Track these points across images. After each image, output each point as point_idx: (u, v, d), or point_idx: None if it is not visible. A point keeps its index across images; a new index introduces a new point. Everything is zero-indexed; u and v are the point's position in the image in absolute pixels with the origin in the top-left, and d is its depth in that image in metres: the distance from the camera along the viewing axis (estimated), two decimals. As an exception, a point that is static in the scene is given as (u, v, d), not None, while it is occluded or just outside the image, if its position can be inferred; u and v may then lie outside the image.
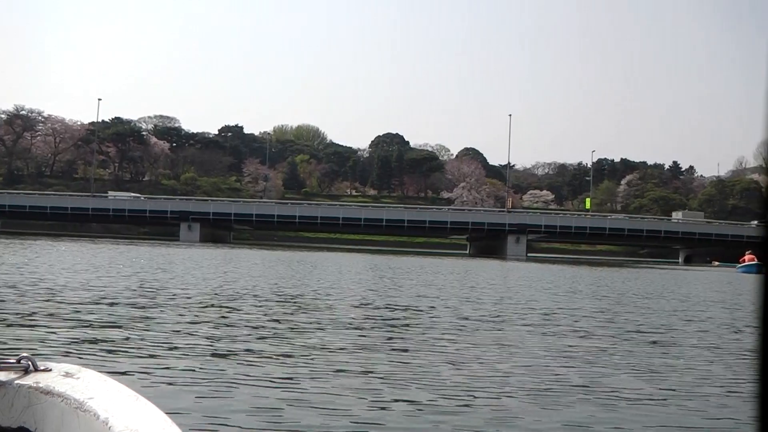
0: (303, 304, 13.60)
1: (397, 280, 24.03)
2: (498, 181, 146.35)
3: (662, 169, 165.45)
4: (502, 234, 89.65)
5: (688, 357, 9.55)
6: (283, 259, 39.47)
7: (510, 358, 8.59)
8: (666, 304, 18.53)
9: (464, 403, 6.20)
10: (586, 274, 38.54)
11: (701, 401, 6.78)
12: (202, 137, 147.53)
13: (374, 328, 10.86)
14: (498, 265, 49.51)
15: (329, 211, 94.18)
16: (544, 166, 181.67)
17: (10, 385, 2.48)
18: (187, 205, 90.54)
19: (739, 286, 31.30)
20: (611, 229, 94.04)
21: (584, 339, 10.78)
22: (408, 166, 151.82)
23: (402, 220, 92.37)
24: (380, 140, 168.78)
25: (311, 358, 7.93)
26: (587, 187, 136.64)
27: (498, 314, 13.55)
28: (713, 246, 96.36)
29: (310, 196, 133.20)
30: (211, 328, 9.99)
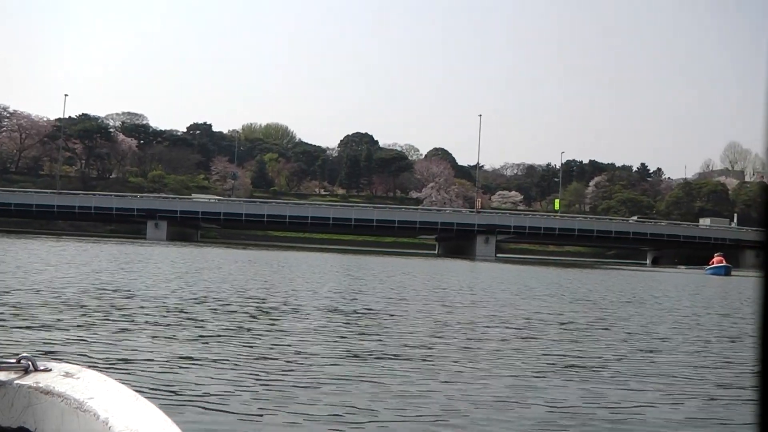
0: (265, 308, 13.13)
1: (365, 281, 23.66)
2: (467, 182, 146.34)
3: (630, 171, 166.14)
4: (471, 234, 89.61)
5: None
6: (249, 258, 39.02)
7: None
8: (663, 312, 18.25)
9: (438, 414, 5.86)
10: (563, 275, 38.33)
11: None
12: (170, 135, 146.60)
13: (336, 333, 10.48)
14: (469, 266, 49.27)
15: (298, 210, 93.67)
16: (512, 167, 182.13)
17: (10, 385, 2.49)
18: (154, 202, 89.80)
19: (721, 290, 31.14)
20: (580, 230, 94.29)
21: (576, 344, 10.45)
22: (377, 165, 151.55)
23: (371, 220, 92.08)
24: (349, 139, 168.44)
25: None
26: (556, 189, 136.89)
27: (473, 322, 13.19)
28: (681, 248, 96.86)
29: (279, 195, 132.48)
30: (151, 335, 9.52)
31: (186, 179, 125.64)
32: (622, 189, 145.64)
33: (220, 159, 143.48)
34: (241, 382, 6.56)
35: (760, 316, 1.06)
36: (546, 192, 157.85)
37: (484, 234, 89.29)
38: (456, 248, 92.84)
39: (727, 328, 13.90)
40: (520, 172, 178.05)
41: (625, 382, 7.61)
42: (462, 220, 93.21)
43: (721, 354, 10.25)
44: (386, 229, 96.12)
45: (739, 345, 11.38)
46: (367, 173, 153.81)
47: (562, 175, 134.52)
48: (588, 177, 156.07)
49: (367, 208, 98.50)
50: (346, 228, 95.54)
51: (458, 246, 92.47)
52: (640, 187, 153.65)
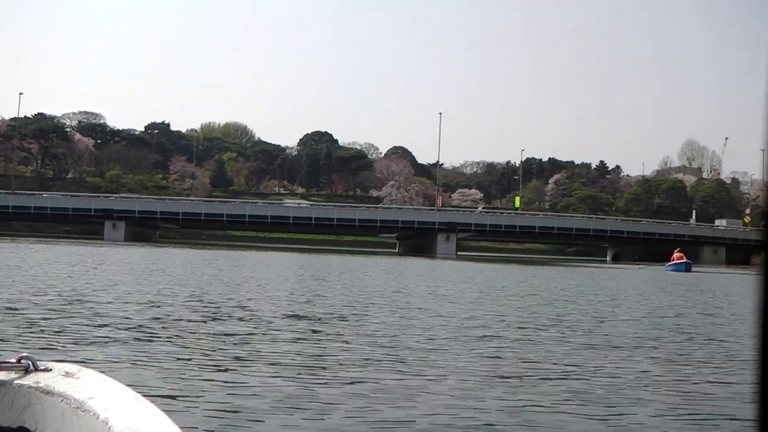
0: (212, 312, 12.64)
1: (324, 282, 23.27)
2: (427, 180, 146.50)
3: (589, 168, 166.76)
4: (432, 233, 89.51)
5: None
6: (205, 258, 38.49)
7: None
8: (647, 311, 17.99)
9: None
10: (529, 273, 38.13)
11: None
12: (128, 134, 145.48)
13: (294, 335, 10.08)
14: (430, 264, 49.00)
15: (257, 209, 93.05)
16: (472, 165, 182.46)
17: (10, 385, 2.50)
18: (112, 203, 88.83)
19: (694, 286, 31.03)
20: (541, 228, 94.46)
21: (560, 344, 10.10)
22: (337, 164, 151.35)
23: (331, 219, 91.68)
24: (309, 138, 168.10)
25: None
26: (515, 186, 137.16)
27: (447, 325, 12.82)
28: (641, 244, 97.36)
29: (238, 194, 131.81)
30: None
31: (144, 179, 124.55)
32: (581, 186, 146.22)
33: (179, 158, 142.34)
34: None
35: (760, 316, 1.06)
36: (506, 190, 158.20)
37: (445, 232, 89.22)
38: (417, 247, 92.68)
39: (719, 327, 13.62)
40: (480, 170, 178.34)
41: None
42: (423, 218, 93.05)
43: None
44: (347, 228, 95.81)
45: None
46: (326, 172, 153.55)
47: (522, 173, 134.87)
48: (548, 175, 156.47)
49: (327, 207, 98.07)
50: (306, 227, 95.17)
51: (419, 244, 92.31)
52: (600, 184, 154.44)
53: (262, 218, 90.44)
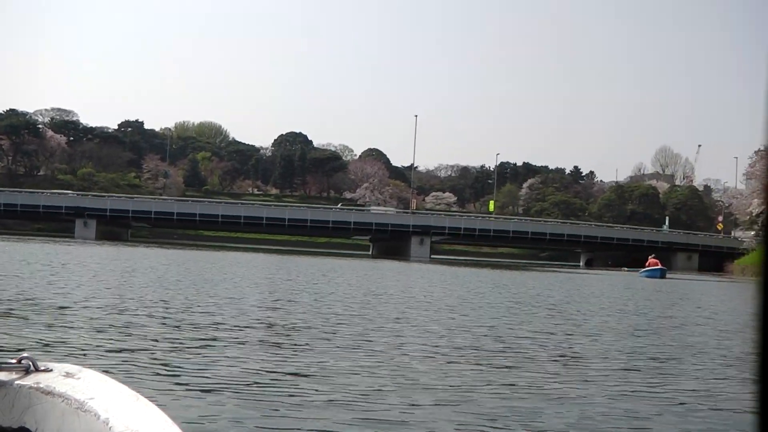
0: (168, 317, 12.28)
1: (293, 285, 22.98)
2: (401, 182, 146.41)
3: (563, 173, 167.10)
4: (406, 235, 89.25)
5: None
6: (173, 259, 38.10)
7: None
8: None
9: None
10: (506, 277, 37.93)
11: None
12: (101, 132, 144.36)
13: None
14: (404, 267, 48.78)
15: (230, 209, 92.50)
16: (446, 169, 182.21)
17: (10, 386, 2.51)
18: (83, 200, 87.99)
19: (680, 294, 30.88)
20: (515, 232, 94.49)
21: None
22: (311, 165, 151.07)
23: (305, 220, 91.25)
24: (283, 139, 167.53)
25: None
26: (489, 190, 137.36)
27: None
28: (614, 250, 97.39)
29: (212, 194, 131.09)
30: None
31: (117, 177, 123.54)
32: (555, 191, 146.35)
33: (152, 157, 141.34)
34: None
35: (760, 316, 1.05)
36: (480, 194, 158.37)
37: (419, 235, 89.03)
38: (390, 249, 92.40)
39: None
40: (454, 173, 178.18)
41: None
42: (397, 221, 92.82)
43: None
44: (320, 230, 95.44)
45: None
46: (300, 173, 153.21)
47: (497, 177, 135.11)
48: (521, 179, 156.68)
49: (301, 208, 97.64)
50: (279, 228, 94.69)
51: (392, 247, 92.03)
52: (573, 189, 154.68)
53: (235, 218, 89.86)
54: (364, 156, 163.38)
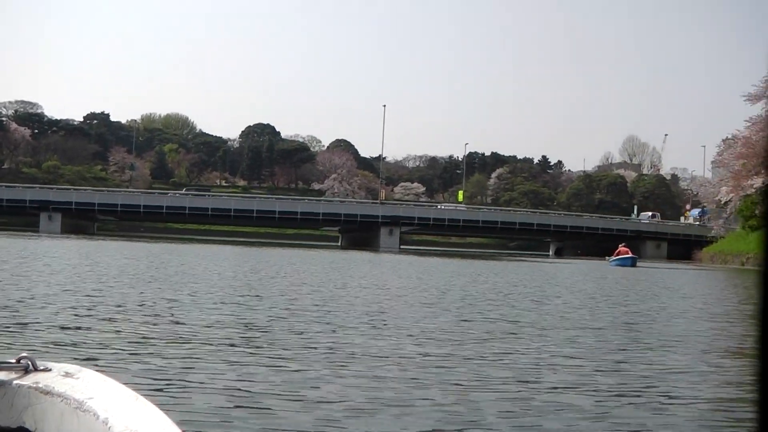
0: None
1: (259, 278, 22.55)
2: (369, 173, 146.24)
3: (531, 163, 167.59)
4: (375, 226, 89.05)
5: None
6: (134, 253, 37.53)
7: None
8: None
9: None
10: (488, 267, 37.63)
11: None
12: (66, 124, 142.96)
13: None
14: (374, 258, 48.43)
15: (198, 201, 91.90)
16: (415, 159, 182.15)
17: (9, 385, 2.49)
18: (48, 194, 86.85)
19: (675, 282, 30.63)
20: (484, 222, 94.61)
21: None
22: (279, 156, 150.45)
23: (273, 211, 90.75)
24: (251, 130, 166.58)
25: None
26: (458, 180, 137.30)
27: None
28: (583, 239, 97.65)
29: (179, 186, 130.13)
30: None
31: (83, 170, 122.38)
32: (523, 181, 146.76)
33: (118, 149, 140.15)
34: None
35: (760, 316, 1.05)
36: (448, 184, 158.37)
37: (388, 225, 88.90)
38: (359, 240, 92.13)
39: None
40: (422, 163, 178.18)
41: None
42: (366, 211, 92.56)
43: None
44: (289, 221, 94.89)
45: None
46: (269, 164, 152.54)
47: (465, 167, 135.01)
48: (490, 169, 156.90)
49: (269, 200, 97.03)
50: (248, 220, 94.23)
51: (362, 237, 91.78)
52: (541, 179, 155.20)
53: (203, 210, 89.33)
54: (332, 147, 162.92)
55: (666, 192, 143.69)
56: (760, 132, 70.20)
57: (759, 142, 69.42)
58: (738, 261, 66.50)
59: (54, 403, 2.32)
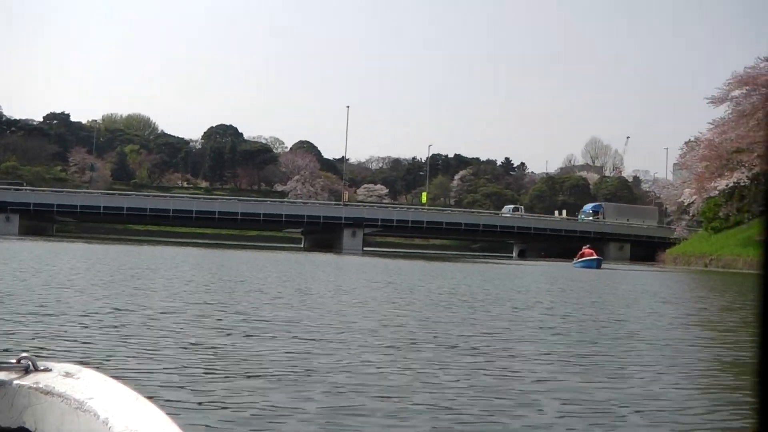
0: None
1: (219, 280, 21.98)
2: (332, 175, 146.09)
3: (495, 165, 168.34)
4: (338, 227, 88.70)
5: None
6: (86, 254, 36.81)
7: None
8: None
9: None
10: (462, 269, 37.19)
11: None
12: (25, 124, 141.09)
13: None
14: (337, 260, 47.95)
15: (159, 202, 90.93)
16: (378, 161, 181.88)
17: (9, 385, 2.49)
18: (5, 194, 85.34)
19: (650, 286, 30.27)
20: (448, 224, 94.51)
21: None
22: (241, 158, 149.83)
23: (235, 213, 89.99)
24: (213, 131, 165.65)
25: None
26: (421, 182, 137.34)
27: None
28: (547, 241, 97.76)
29: (140, 187, 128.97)
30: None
31: (42, 171, 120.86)
32: (486, 183, 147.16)
33: (79, 150, 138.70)
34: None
35: (760, 315, 1.04)
36: (411, 185, 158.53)
37: (352, 227, 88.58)
38: (322, 242, 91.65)
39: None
40: (385, 165, 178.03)
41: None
42: (329, 213, 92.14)
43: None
44: (251, 222, 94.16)
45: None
46: (231, 166, 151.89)
47: (428, 169, 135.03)
48: (453, 171, 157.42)
49: (231, 201, 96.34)
50: (209, 221, 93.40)
51: (325, 239, 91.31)
52: (505, 180, 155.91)
53: (164, 212, 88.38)
54: (295, 148, 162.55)
55: (628, 194, 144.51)
56: (724, 134, 70.49)
57: (722, 144, 69.76)
58: (701, 263, 66.60)
59: (54, 404, 2.30)
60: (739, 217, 71.51)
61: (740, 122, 69.60)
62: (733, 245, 65.34)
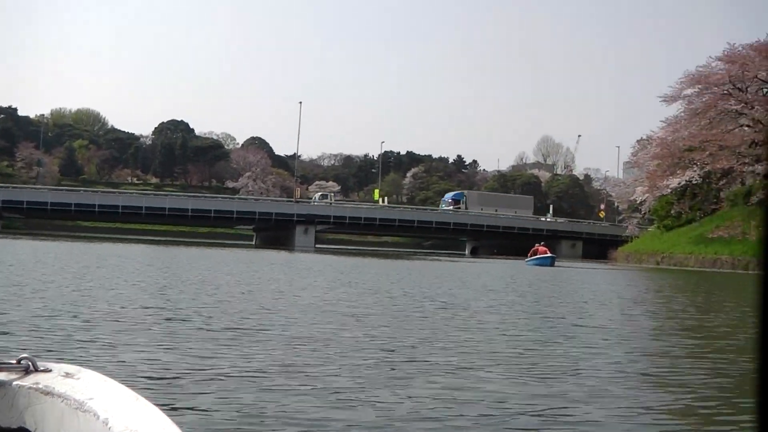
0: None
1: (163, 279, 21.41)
2: (284, 171, 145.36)
3: (447, 162, 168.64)
4: (290, 224, 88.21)
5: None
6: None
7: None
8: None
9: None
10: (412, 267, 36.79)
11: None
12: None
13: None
14: (288, 257, 47.44)
15: (108, 198, 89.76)
16: (330, 158, 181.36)
17: (10, 386, 2.48)
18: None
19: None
20: (401, 221, 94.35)
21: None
22: (192, 154, 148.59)
23: (186, 209, 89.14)
24: (164, 127, 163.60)
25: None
26: (373, 179, 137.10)
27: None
28: (499, 238, 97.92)
29: (89, 183, 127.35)
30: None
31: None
32: (439, 180, 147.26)
33: (26, 145, 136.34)
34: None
35: (760, 316, 1.03)
36: (363, 182, 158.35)
37: (304, 224, 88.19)
38: (274, 239, 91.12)
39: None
40: (337, 162, 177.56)
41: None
42: (281, 210, 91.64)
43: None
44: (202, 219, 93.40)
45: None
46: (182, 162, 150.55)
47: (381, 166, 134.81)
48: (405, 168, 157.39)
49: (181, 197, 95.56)
50: (159, 218, 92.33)
51: (276, 236, 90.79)
52: (457, 178, 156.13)
53: (113, 208, 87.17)
54: (246, 145, 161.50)
55: (579, 192, 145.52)
56: (676, 133, 70.93)
57: (674, 143, 70.16)
58: (653, 260, 66.85)
59: (54, 404, 2.30)
60: (691, 215, 72.03)
61: (692, 121, 70.19)
62: (685, 243, 65.69)
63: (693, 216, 71.79)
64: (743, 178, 66.85)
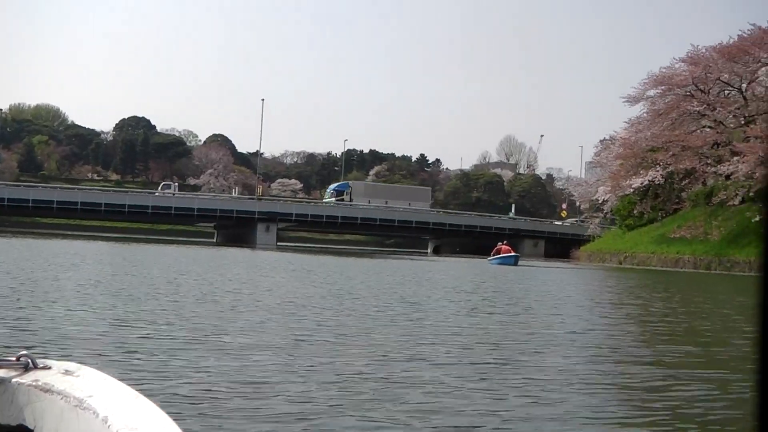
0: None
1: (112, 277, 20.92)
2: (246, 169, 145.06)
3: (410, 161, 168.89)
4: (252, 222, 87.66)
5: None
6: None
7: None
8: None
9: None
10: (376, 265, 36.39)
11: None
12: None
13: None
14: (249, 255, 46.98)
15: (66, 194, 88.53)
16: (293, 155, 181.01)
17: (9, 383, 2.49)
18: None
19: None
20: (363, 219, 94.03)
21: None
22: (154, 150, 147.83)
23: (146, 206, 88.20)
24: (125, 123, 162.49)
25: None
26: (336, 177, 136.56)
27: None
28: (462, 237, 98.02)
29: (48, 179, 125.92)
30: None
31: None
32: (401, 178, 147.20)
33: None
34: None
35: (760, 316, 1.03)
36: (326, 180, 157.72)
37: (265, 222, 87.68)
38: (236, 236, 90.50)
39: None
40: (300, 160, 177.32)
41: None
42: (242, 207, 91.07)
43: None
44: (163, 216, 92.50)
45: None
46: (143, 158, 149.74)
47: (344, 164, 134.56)
48: (368, 166, 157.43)
49: (142, 194, 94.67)
50: (119, 214, 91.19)
51: (238, 234, 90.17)
52: (420, 176, 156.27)
53: (72, 204, 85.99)
54: (209, 142, 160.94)
55: (542, 191, 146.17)
56: (639, 133, 71.24)
57: (637, 143, 70.44)
58: (616, 260, 67.03)
59: (54, 401, 2.30)
60: (653, 215, 72.37)
61: (656, 121, 70.57)
62: (647, 243, 66.01)
63: (655, 216, 72.09)
64: (705, 179, 67.23)
